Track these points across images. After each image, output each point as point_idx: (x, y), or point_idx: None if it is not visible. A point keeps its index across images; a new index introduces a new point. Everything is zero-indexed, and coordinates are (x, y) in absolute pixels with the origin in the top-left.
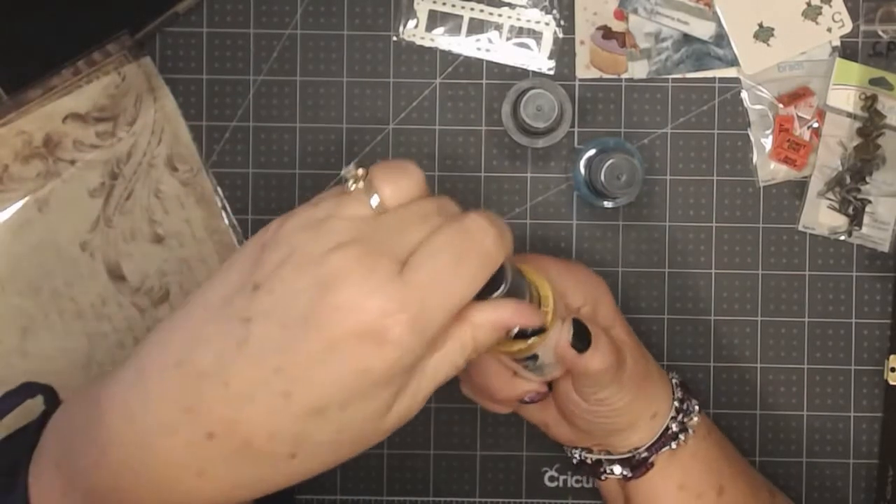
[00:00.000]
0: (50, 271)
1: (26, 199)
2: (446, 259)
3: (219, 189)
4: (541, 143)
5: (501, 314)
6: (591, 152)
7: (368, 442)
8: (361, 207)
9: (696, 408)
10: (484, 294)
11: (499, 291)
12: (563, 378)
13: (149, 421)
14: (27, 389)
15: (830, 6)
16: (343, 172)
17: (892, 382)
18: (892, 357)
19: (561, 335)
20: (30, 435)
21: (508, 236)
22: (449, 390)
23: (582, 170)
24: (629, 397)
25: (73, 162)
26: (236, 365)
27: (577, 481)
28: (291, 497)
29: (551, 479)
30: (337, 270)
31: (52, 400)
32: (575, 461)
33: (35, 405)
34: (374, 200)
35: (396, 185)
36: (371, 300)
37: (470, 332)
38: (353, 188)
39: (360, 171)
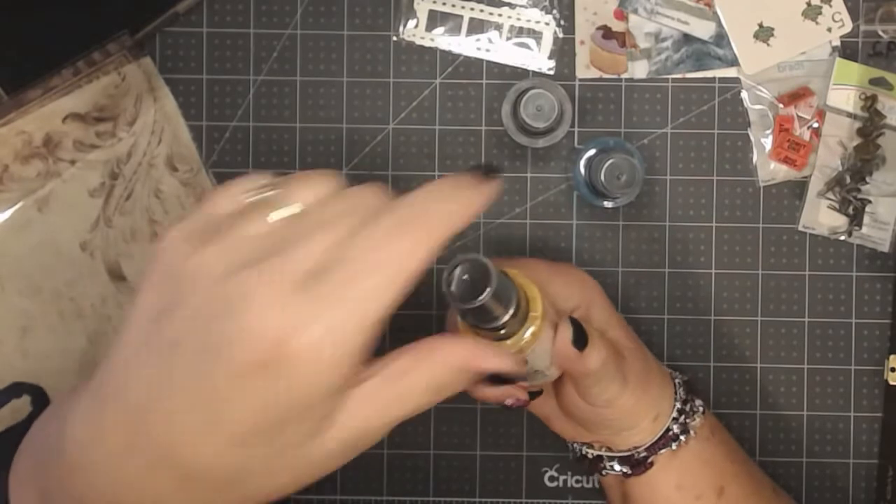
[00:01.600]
0: (50, 271)
1: (26, 199)
2: (351, 272)
3: None
4: (541, 143)
5: (473, 360)
6: (591, 152)
7: (314, 469)
8: (262, 224)
9: (700, 408)
10: (467, 299)
11: (484, 295)
12: (565, 380)
13: (97, 455)
14: (14, 389)
15: (830, 6)
16: (249, 183)
17: (892, 382)
18: (892, 357)
19: (561, 335)
20: (15, 436)
21: (436, 222)
22: None
23: (582, 170)
24: (634, 398)
25: (73, 162)
26: (163, 396)
27: (577, 481)
28: (289, 497)
29: (551, 479)
30: (237, 295)
31: (40, 400)
32: (577, 456)
33: (24, 404)
34: (277, 214)
35: (302, 194)
36: (271, 326)
37: (435, 376)
38: (256, 199)
39: (266, 182)
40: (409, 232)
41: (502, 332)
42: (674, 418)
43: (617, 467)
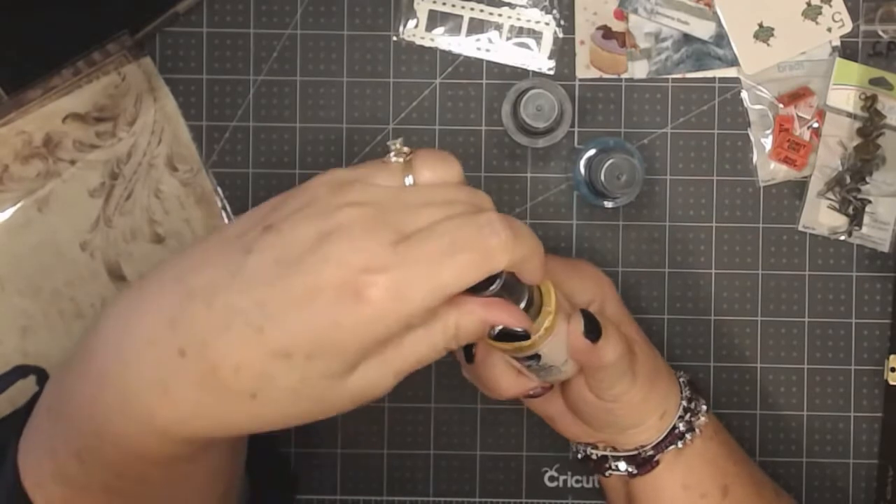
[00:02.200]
0: (50, 271)
1: (26, 199)
2: (443, 244)
3: (219, 189)
4: (541, 143)
5: (488, 309)
6: (591, 152)
7: (330, 404)
8: (392, 179)
9: (704, 407)
10: (477, 289)
11: (493, 287)
12: (574, 377)
13: (135, 328)
14: (19, 371)
15: (830, 6)
16: (388, 143)
17: (892, 382)
18: (892, 357)
19: (572, 327)
20: (20, 416)
21: (523, 246)
22: (448, 390)
23: (582, 170)
24: (642, 394)
25: (73, 162)
26: (223, 290)
27: (577, 481)
28: (291, 497)
29: (551, 479)
30: (340, 225)
31: (45, 381)
32: (580, 457)
33: (29, 389)
34: (409, 179)
35: (434, 171)
36: (357, 257)
37: (454, 318)
38: (392, 160)
39: (406, 148)
40: (500, 232)
41: None
42: (680, 416)
43: (622, 467)
